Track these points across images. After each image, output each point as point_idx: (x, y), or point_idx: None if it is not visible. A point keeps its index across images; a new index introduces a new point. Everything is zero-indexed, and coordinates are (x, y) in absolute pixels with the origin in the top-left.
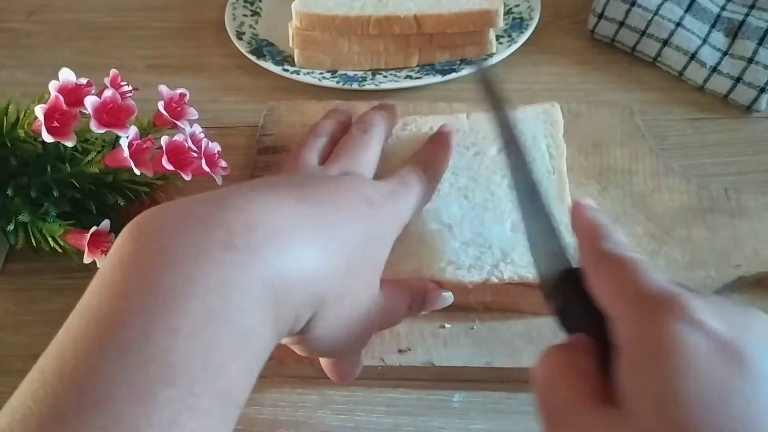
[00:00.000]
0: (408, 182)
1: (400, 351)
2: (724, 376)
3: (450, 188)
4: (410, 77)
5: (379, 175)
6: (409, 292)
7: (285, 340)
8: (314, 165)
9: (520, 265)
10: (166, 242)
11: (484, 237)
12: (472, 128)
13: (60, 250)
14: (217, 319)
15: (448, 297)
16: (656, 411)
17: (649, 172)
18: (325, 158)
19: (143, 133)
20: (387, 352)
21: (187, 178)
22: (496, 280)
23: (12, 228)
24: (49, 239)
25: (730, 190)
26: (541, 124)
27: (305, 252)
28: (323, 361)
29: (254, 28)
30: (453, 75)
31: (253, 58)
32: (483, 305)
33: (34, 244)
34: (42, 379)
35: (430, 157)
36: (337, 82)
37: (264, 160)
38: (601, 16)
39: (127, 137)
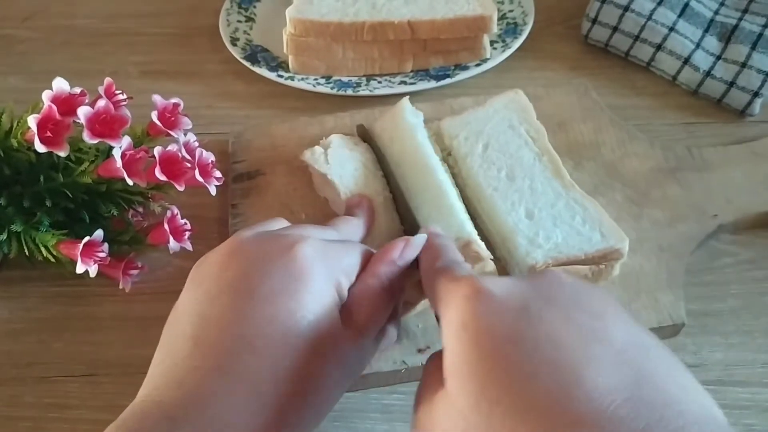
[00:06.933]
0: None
1: (419, 351)
2: (512, 329)
3: None
4: (404, 83)
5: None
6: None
7: None
8: None
9: (548, 247)
10: None
11: (500, 231)
12: (447, 133)
13: (53, 260)
14: None
15: (421, 238)
16: (464, 379)
17: (615, 141)
18: None
19: (137, 142)
20: (407, 354)
21: (181, 188)
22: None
23: (5, 237)
24: (42, 249)
25: (692, 147)
26: (513, 113)
27: None
28: None
29: (248, 34)
30: (447, 80)
31: (247, 64)
32: None
33: (27, 253)
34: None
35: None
36: (332, 88)
37: (240, 187)
38: (594, 21)
39: (120, 147)
